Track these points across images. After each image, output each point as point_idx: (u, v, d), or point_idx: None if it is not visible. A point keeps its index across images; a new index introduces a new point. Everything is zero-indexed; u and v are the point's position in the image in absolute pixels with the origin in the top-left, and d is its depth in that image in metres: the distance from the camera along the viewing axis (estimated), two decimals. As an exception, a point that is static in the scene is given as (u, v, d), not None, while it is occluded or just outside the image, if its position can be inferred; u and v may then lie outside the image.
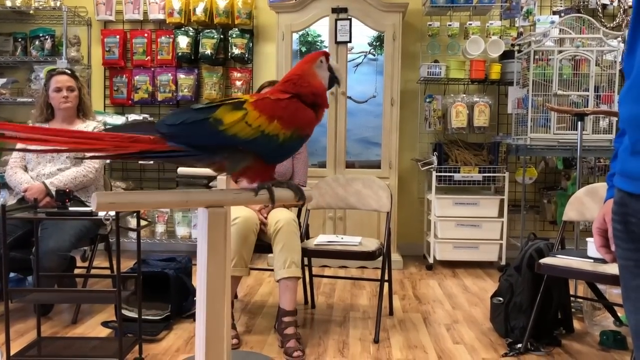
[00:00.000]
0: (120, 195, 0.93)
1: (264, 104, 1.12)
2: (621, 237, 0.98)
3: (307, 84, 1.18)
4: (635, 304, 0.96)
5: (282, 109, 1.12)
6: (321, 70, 1.21)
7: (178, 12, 4.71)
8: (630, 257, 0.96)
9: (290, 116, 1.12)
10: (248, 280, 3.88)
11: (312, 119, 1.16)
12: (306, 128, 1.14)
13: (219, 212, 1.00)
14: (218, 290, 0.98)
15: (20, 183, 3.18)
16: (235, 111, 1.10)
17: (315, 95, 1.18)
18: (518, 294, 2.81)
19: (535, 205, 4.76)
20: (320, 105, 1.20)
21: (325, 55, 1.23)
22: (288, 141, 1.11)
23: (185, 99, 4.82)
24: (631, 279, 0.96)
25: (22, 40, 4.91)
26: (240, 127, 1.08)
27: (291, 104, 1.14)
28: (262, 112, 1.10)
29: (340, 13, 4.34)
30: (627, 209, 0.95)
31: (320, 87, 1.20)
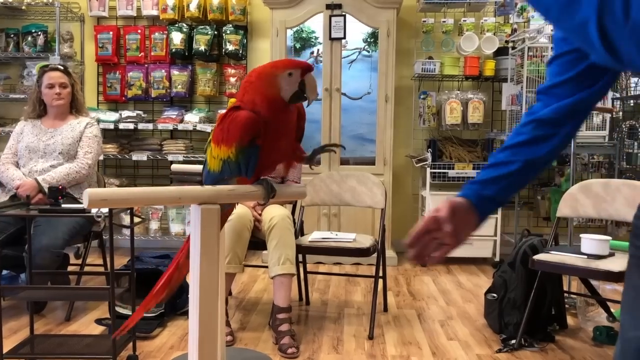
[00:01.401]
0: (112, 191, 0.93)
1: (216, 132, 1.20)
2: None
3: (251, 93, 1.14)
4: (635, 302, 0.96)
5: (221, 130, 1.18)
6: (286, 83, 1.12)
7: (172, 8, 4.69)
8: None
9: (227, 133, 1.15)
10: (242, 277, 3.87)
11: (244, 121, 1.11)
12: (244, 135, 1.10)
13: (212, 209, 0.99)
14: (211, 288, 0.98)
15: (13, 179, 3.16)
16: (208, 147, 1.24)
17: (255, 109, 1.12)
18: (512, 290, 2.82)
19: (529, 201, 4.77)
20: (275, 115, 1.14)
21: (303, 69, 1.14)
22: (240, 155, 1.13)
23: (179, 96, 4.80)
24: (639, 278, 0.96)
25: (14, 36, 4.88)
26: (212, 163, 1.19)
27: (227, 119, 1.17)
28: (215, 141, 1.19)
29: (334, 9, 4.33)
30: None
31: (266, 101, 1.13)
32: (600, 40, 0.71)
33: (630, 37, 0.69)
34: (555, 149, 1.09)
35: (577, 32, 0.74)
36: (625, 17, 0.69)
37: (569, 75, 1.04)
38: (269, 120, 1.12)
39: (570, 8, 0.73)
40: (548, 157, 1.10)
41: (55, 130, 3.27)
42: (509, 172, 1.08)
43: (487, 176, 1.09)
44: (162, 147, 4.70)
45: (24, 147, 3.24)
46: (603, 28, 0.71)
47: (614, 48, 0.71)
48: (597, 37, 0.72)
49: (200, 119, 4.64)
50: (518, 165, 1.08)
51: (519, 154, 1.08)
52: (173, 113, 4.75)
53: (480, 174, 1.11)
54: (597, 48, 0.72)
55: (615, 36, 0.70)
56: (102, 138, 3.44)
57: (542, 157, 1.09)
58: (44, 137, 3.25)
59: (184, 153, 4.64)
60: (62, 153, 3.22)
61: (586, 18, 0.72)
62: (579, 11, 0.72)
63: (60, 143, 3.22)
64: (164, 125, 4.64)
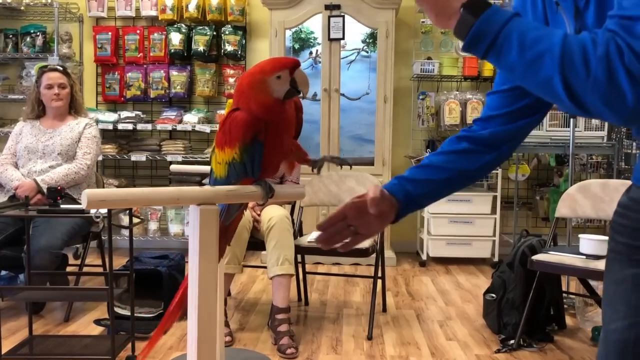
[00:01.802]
0: (111, 192, 0.93)
1: (218, 137, 1.21)
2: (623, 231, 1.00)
3: (245, 101, 1.14)
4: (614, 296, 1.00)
5: (223, 134, 1.19)
6: (277, 84, 1.12)
7: (170, 8, 4.69)
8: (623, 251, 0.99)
9: (229, 135, 1.16)
10: (241, 278, 3.87)
11: (242, 122, 1.12)
12: (246, 133, 1.11)
13: (210, 210, 0.99)
14: (210, 288, 0.98)
15: (11, 180, 3.16)
16: (214, 154, 1.22)
17: (252, 112, 1.13)
18: (511, 290, 2.83)
19: (527, 201, 4.78)
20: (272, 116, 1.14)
21: (290, 68, 1.13)
22: (245, 154, 1.13)
23: (178, 96, 4.80)
24: (619, 271, 1.00)
25: (13, 36, 4.87)
26: (218, 169, 1.19)
27: (226, 122, 1.17)
28: (218, 146, 1.19)
29: (333, 10, 4.34)
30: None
31: (261, 106, 1.13)
32: (566, 94, 0.76)
33: (592, 91, 0.74)
34: (487, 166, 1.14)
35: (542, 88, 0.79)
36: (587, 72, 0.73)
37: (507, 110, 1.08)
38: (268, 120, 1.13)
39: (534, 67, 0.77)
40: (478, 173, 1.15)
41: (54, 131, 3.27)
42: (440, 179, 1.11)
43: (418, 177, 1.12)
44: (161, 148, 4.70)
45: (22, 148, 3.24)
46: (567, 83, 0.75)
47: (579, 101, 0.76)
48: (563, 92, 0.76)
49: (199, 119, 4.64)
50: (449, 174, 1.11)
51: (453, 163, 1.11)
52: (172, 113, 4.75)
53: (411, 172, 1.12)
54: (564, 101, 0.77)
55: (579, 90, 0.75)
56: (100, 139, 3.44)
57: (473, 171, 1.13)
58: (42, 138, 3.25)
59: (183, 153, 4.64)
60: (60, 154, 3.22)
61: (550, 75, 0.76)
62: (542, 69, 0.77)
63: (59, 144, 3.22)
64: (163, 126, 4.64)
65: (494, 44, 0.81)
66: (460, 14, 0.83)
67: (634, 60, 0.72)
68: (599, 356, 1.01)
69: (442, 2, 0.84)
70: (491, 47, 0.81)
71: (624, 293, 0.97)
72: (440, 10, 0.85)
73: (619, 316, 0.97)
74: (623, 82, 0.72)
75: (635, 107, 0.73)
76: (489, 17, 0.81)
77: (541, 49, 0.77)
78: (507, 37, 0.79)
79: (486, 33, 0.81)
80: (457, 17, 0.83)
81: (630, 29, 0.73)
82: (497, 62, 0.83)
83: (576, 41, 0.76)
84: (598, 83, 0.74)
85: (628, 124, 0.79)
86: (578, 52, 0.75)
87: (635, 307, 0.95)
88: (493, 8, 0.82)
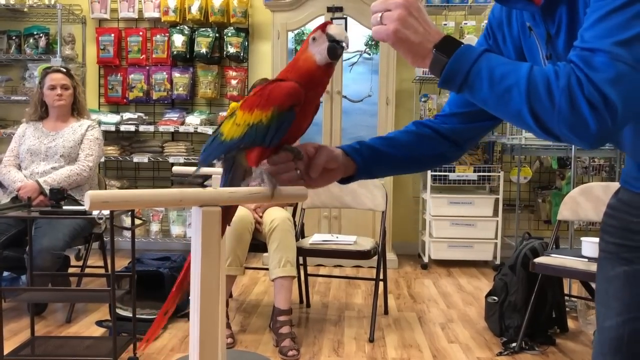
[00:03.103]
0: (113, 193, 0.93)
1: (247, 101, 1.15)
2: (612, 231, 1.04)
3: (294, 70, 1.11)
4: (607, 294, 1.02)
5: (258, 97, 1.12)
6: (317, 46, 1.09)
7: (173, 10, 4.70)
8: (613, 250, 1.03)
9: (267, 98, 1.11)
10: (243, 280, 3.87)
11: (289, 89, 1.09)
12: (286, 100, 1.08)
13: (213, 211, 0.99)
14: (212, 290, 0.98)
15: (14, 181, 3.17)
16: (229, 119, 1.16)
17: (302, 77, 1.10)
18: (513, 293, 2.82)
19: (530, 204, 4.77)
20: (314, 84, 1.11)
21: (320, 29, 1.11)
22: (275, 120, 1.08)
23: (181, 98, 4.81)
24: (610, 269, 1.03)
25: (16, 38, 4.89)
26: (233, 130, 1.13)
27: (266, 88, 1.14)
28: (244, 108, 1.13)
29: (335, 12, 4.34)
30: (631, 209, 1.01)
31: (305, 67, 1.10)
32: (536, 124, 0.82)
33: (559, 121, 0.80)
34: (442, 158, 1.18)
35: (514, 119, 0.85)
36: (552, 104, 0.79)
37: (469, 110, 1.12)
38: (307, 90, 1.10)
39: (503, 100, 0.83)
40: (433, 161, 1.20)
41: (57, 133, 3.27)
42: (398, 156, 1.15)
43: (380, 147, 1.14)
44: (163, 149, 4.71)
45: (25, 150, 3.24)
46: (535, 114, 0.81)
47: (548, 129, 0.82)
48: (533, 123, 0.82)
49: (201, 121, 4.65)
50: (408, 153, 1.15)
51: (415, 144, 1.15)
52: (174, 115, 4.75)
53: (374, 141, 1.15)
54: (536, 130, 0.83)
55: (546, 120, 0.81)
56: (103, 140, 3.45)
57: (429, 158, 1.17)
58: (45, 140, 3.25)
59: (185, 155, 4.64)
60: (63, 156, 3.22)
61: (519, 107, 0.82)
62: (511, 102, 0.82)
63: (61, 146, 3.23)
64: (165, 127, 4.65)
65: (466, 81, 0.86)
66: (432, 55, 0.88)
67: (593, 91, 0.77)
68: (594, 355, 1.03)
69: (416, 45, 0.88)
70: (464, 84, 0.86)
71: (617, 290, 1.00)
72: (415, 52, 0.89)
73: (613, 313, 1.00)
74: (585, 111, 0.77)
75: (598, 133, 0.78)
76: (460, 56, 0.86)
77: (509, 84, 0.82)
78: (478, 74, 0.85)
79: (458, 71, 0.86)
80: (430, 57, 0.88)
81: (589, 61, 0.78)
82: (471, 96, 0.88)
83: (540, 74, 0.81)
84: (562, 113, 0.79)
85: (594, 147, 0.83)
86: (542, 85, 0.80)
87: (627, 304, 0.98)
88: (463, 47, 0.87)
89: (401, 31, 0.88)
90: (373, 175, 1.17)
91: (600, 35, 0.79)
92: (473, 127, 1.15)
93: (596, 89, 0.77)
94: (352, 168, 1.12)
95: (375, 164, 1.14)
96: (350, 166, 1.12)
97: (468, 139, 1.18)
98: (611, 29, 0.78)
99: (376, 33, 0.93)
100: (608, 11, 0.79)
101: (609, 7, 0.79)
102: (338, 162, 1.10)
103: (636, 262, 0.98)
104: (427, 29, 0.89)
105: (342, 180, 1.15)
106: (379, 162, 1.14)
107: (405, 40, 0.89)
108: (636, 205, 1.00)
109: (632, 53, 0.77)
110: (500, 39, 1.10)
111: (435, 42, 0.88)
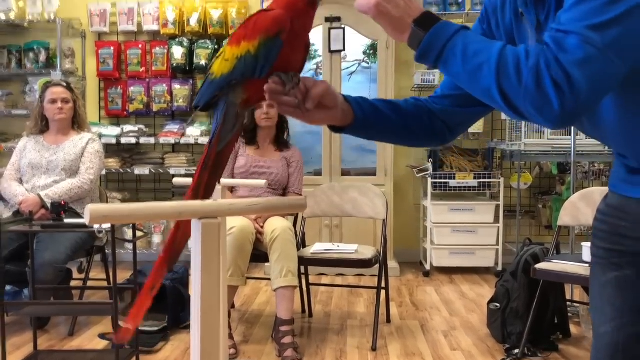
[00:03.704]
0: (113, 208, 0.93)
1: (234, 35, 1.13)
2: (602, 236, 1.04)
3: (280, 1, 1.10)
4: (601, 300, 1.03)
5: (244, 29, 1.11)
6: None
7: (172, 23, 4.73)
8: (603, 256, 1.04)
9: (252, 28, 1.09)
10: (245, 290, 3.87)
11: (274, 16, 1.08)
12: (271, 27, 1.07)
13: (213, 224, 1.00)
14: (213, 303, 0.98)
15: (16, 195, 3.18)
16: (219, 57, 1.14)
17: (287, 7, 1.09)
18: (514, 299, 2.82)
19: (530, 210, 4.77)
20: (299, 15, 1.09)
21: None
22: (262, 48, 1.07)
23: (181, 110, 4.83)
24: (601, 275, 1.03)
25: (16, 52, 4.92)
26: (222, 66, 1.11)
27: (251, 19, 1.12)
28: (232, 43, 1.12)
29: (333, 22, 4.37)
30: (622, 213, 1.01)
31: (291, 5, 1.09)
32: (503, 101, 0.85)
33: (524, 98, 0.82)
34: (431, 136, 1.19)
35: (483, 94, 0.88)
36: (519, 81, 0.82)
37: (461, 93, 1.12)
38: (292, 20, 1.09)
39: (475, 76, 0.87)
40: (422, 140, 1.22)
41: (58, 146, 3.29)
42: (396, 122, 1.16)
43: (382, 108, 1.15)
44: (164, 161, 4.72)
45: (26, 164, 3.26)
46: (503, 91, 0.84)
47: (514, 106, 0.85)
48: (500, 99, 0.85)
49: (201, 132, 4.66)
50: (405, 123, 1.16)
51: (411, 116, 1.16)
52: (175, 127, 4.77)
53: (378, 102, 1.16)
54: (502, 107, 0.86)
55: (513, 97, 0.84)
56: (104, 153, 3.46)
57: (420, 134, 1.18)
58: (46, 154, 3.27)
59: (186, 166, 4.66)
60: (64, 169, 3.24)
61: (488, 83, 0.85)
62: (481, 78, 0.86)
63: (62, 159, 3.24)
64: (166, 139, 4.66)
65: (441, 55, 0.90)
66: (411, 29, 0.91)
67: (559, 71, 0.80)
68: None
69: (396, 19, 0.92)
70: (439, 58, 0.90)
71: (609, 296, 1.01)
72: (395, 26, 0.92)
73: (607, 319, 1.01)
74: (550, 90, 0.80)
75: (561, 113, 0.81)
76: (437, 32, 0.90)
77: (480, 60, 0.86)
78: (452, 49, 0.89)
79: (434, 46, 0.90)
80: (409, 31, 0.92)
81: (561, 42, 0.81)
82: (445, 71, 0.92)
83: (512, 53, 0.84)
84: (528, 91, 0.82)
85: (558, 127, 0.86)
86: (512, 63, 0.83)
87: (620, 309, 0.99)
88: (441, 23, 0.91)
89: (382, 5, 0.91)
90: (367, 133, 1.17)
91: (575, 18, 0.82)
92: (463, 111, 1.17)
93: (562, 69, 0.80)
94: (349, 118, 1.12)
95: (374, 122, 1.14)
96: (348, 115, 1.12)
97: (459, 123, 1.20)
98: (586, 13, 0.81)
99: (359, 5, 0.95)
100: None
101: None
102: (336, 102, 1.10)
103: (626, 267, 0.99)
104: (408, 4, 0.92)
105: (336, 129, 1.15)
106: (378, 121, 1.14)
107: (386, 14, 0.92)
108: (625, 209, 1.00)
109: (603, 37, 0.79)
110: (494, 24, 1.12)
111: (415, 17, 0.91)
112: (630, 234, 0.98)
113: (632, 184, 0.99)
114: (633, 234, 0.98)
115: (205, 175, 1.11)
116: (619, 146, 1.01)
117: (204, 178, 1.12)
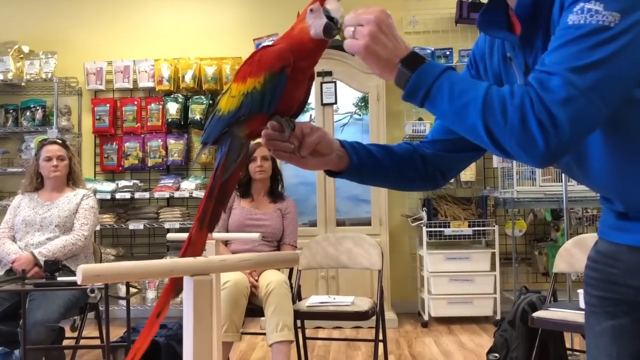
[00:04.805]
0: (105, 267, 0.94)
1: (239, 72, 1.14)
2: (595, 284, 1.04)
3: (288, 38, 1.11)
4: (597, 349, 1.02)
5: (249, 65, 1.12)
6: (313, 19, 1.07)
7: (167, 79, 4.82)
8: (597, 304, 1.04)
9: (257, 65, 1.10)
10: (241, 345, 3.80)
11: (277, 51, 1.09)
12: (275, 62, 1.08)
13: (204, 281, 1.00)
14: (204, 360, 0.98)
15: (9, 254, 3.16)
16: (225, 94, 1.15)
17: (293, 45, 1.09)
18: (514, 349, 2.78)
19: (526, 257, 4.76)
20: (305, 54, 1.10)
21: (318, 0, 1.08)
22: (268, 83, 1.08)
23: (176, 164, 4.87)
24: (596, 324, 1.03)
25: (13, 111, 4.99)
26: (229, 103, 1.12)
27: (255, 55, 1.13)
28: (238, 80, 1.13)
29: (325, 76, 4.47)
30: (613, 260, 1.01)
31: (299, 37, 1.09)
32: (489, 139, 0.87)
33: (510, 137, 0.84)
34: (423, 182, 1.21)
35: (470, 133, 0.90)
36: (504, 120, 0.84)
37: (452, 137, 1.15)
38: (297, 56, 1.09)
39: (461, 115, 0.89)
40: (414, 185, 1.23)
41: (52, 203, 3.30)
42: (390, 167, 1.17)
43: (376, 153, 1.16)
44: (159, 216, 4.72)
45: (20, 221, 3.25)
46: (489, 129, 0.86)
47: (500, 145, 0.86)
48: (486, 137, 0.87)
49: (196, 185, 4.69)
50: (398, 167, 1.18)
51: (404, 161, 1.18)
52: (169, 181, 4.79)
53: (372, 146, 1.18)
54: (488, 145, 0.88)
55: (499, 135, 0.86)
56: (98, 209, 3.47)
57: (415, 180, 1.20)
58: (40, 211, 3.27)
59: (181, 220, 4.65)
60: (58, 226, 3.23)
61: (474, 122, 0.87)
62: (468, 117, 0.88)
63: (56, 216, 3.24)
64: (161, 194, 4.68)
65: (428, 94, 0.91)
66: (398, 69, 0.93)
67: (543, 110, 0.82)
68: None
69: (384, 59, 0.94)
70: (426, 97, 0.92)
71: (605, 346, 1.00)
72: (383, 66, 0.95)
73: None
74: (534, 129, 0.83)
75: (546, 152, 0.83)
76: (424, 71, 0.92)
77: (467, 99, 0.88)
78: (439, 88, 0.90)
79: (421, 85, 0.91)
80: (396, 71, 0.93)
81: (544, 83, 0.84)
82: (433, 110, 0.93)
83: (497, 93, 0.86)
84: (514, 130, 0.84)
85: (542, 165, 0.88)
86: (498, 102, 0.85)
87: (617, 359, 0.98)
88: (427, 63, 0.92)
89: (371, 47, 0.93)
90: (362, 178, 1.18)
91: (557, 60, 0.84)
92: (453, 156, 1.19)
93: (546, 109, 0.82)
94: (345, 163, 1.14)
95: (369, 167, 1.16)
96: (343, 161, 1.14)
97: (450, 168, 1.22)
98: (568, 56, 0.84)
99: (348, 47, 0.97)
100: (568, 40, 0.85)
101: (569, 37, 0.85)
102: (332, 149, 1.12)
103: (621, 316, 0.99)
104: (395, 44, 0.94)
105: (332, 173, 1.16)
106: (372, 166, 1.16)
107: (375, 55, 0.94)
108: (615, 256, 1.00)
109: (585, 80, 0.82)
110: (482, 69, 1.15)
111: (401, 56, 0.93)
112: (622, 282, 0.98)
113: (621, 230, 0.99)
114: (625, 281, 0.98)
115: (210, 205, 1.12)
116: (606, 189, 1.02)
117: (209, 207, 1.13)
